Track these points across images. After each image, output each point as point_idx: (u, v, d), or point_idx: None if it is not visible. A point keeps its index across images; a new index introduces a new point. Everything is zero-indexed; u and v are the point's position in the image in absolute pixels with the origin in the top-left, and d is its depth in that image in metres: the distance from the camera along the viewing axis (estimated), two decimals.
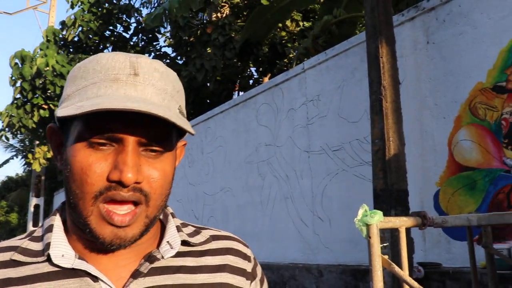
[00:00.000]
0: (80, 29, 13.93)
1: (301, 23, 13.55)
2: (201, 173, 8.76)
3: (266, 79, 12.95)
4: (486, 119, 4.34)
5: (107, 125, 0.67)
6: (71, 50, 14.36)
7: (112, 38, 14.46)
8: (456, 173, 4.51)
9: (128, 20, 14.47)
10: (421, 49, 4.94)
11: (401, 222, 2.67)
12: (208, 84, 12.84)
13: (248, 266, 0.85)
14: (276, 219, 6.75)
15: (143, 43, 14.42)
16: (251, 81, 13.77)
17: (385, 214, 4.09)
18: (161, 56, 13.91)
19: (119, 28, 14.59)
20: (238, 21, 13.81)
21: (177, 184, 9.16)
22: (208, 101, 13.13)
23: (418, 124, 4.85)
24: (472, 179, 4.38)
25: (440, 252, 4.60)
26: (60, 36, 14.23)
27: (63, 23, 14.15)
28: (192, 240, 0.81)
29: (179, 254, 0.78)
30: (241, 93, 13.42)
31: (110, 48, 14.52)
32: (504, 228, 4.08)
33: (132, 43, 14.50)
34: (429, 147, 4.74)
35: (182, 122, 0.69)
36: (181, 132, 0.78)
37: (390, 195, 4.07)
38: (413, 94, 4.92)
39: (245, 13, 13.95)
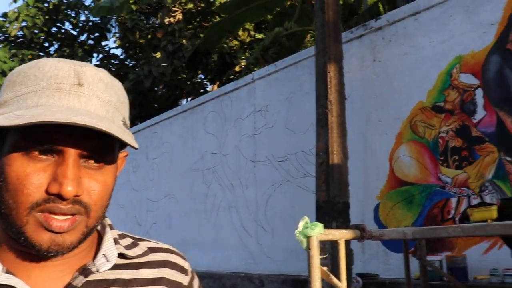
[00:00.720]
0: (24, 23, 13.38)
1: (252, 33, 13.67)
2: (146, 179, 8.61)
3: (215, 87, 12.96)
4: (425, 136, 4.54)
5: (48, 136, 0.65)
6: (13, 45, 13.77)
7: (59, 35, 14.00)
8: (396, 188, 4.67)
9: (77, 18, 14.08)
10: (368, 66, 5.10)
11: (340, 235, 2.73)
12: (156, 89, 12.70)
13: (184, 280, 0.84)
14: (220, 228, 6.74)
15: (91, 42, 14.06)
16: (202, 90, 13.75)
17: (326, 226, 4.18)
18: (109, 57, 13.62)
19: (67, 25, 14.17)
20: (190, 26, 13.75)
21: (120, 189, 8.96)
22: (155, 105, 12.97)
23: (362, 139, 5.00)
24: (410, 193, 4.56)
25: (378, 264, 4.74)
26: (3, 29, 13.62)
27: (5, 15, 13.51)
28: (129, 252, 0.79)
29: (115, 267, 0.76)
30: (189, 100, 13.35)
31: (56, 46, 14.05)
32: (437, 241, 4.26)
33: (79, 41, 14.10)
34: (372, 161, 4.89)
35: (125, 135, 0.68)
36: (124, 143, 0.77)
37: (332, 207, 4.16)
38: (358, 109, 5.07)
39: (197, 19, 13.92)
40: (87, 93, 0.68)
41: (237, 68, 13.20)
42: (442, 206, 4.35)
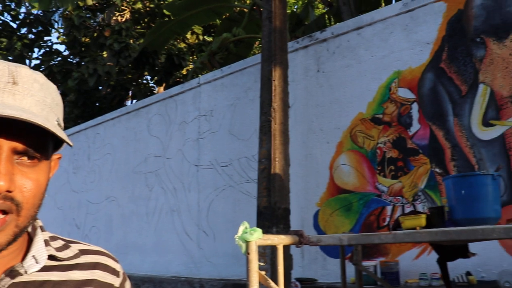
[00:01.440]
0: None
1: (201, 37, 13.64)
2: (86, 181, 8.38)
3: (161, 89, 12.80)
4: (364, 146, 4.72)
5: None
6: None
7: None
8: (335, 195, 4.82)
9: (17, 9, 13.50)
10: (312, 76, 5.24)
11: (279, 240, 2.79)
12: (101, 88, 12.39)
13: (116, 281, 0.85)
14: (161, 232, 6.67)
15: (32, 36, 13.51)
16: (148, 93, 13.52)
17: (267, 231, 4.26)
18: (52, 53, 13.14)
19: (6, 16, 13.56)
20: (138, 27, 13.54)
21: (59, 190, 8.67)
22: (98, 105, 12.63)
23: (304, 146, 5.12)
24: (349, 201, 4.71)
25: (316, 268, 4.86)
26: None
27: None
28: (60, 254, 0.79)
29: (45, 269, 0.75)
30: (134, 101, 13.12)
31: None
32: (373, 247, 4.43)
33: (19, 34, 13.51)
34: (313, 169, 5.02)
35: (60, 132, 0.68)
36: (57, 145, 0.76)
37: (272, 213, 4.22)
38: (301, 118, 5.19)
39: (146, 20, 13.71)
40: (21, 92, 0.68)
41: (184, 71, 13.12)
42: (378, 214, 4.53)
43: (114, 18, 13.66)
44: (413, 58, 4.54)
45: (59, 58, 13.10)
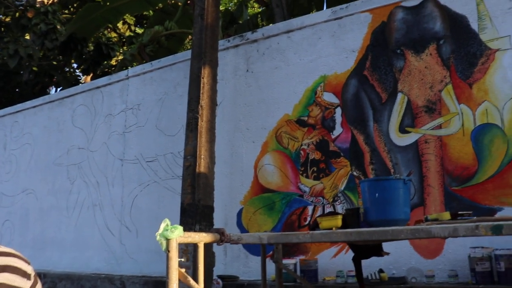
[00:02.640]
0: None
1: (133, 27, 13.32)
2: (1, 171, 7.94)
3: (88, 79, 12.36)
4: (288, 147, 4.84)
5: None
6: None
7: None
8: (259, 194, 4.90)
9: None
10: (241, 75, 5.29)
11: (200, 238, 2.80)
12: (22, 73, 11.75)
13: (26, 284, 0.83)
14: (82, 226, 6.46)
15: None
16: (73, 82, 12.96)
17: (190, 229, 4.26)
18: None
19: None
20: (66, 11, 12.97)
21: None
22: (18, 90, 11.97)
23: (230, 145, 5.17)
24: (272, 200, 4.81)
25: (238, 266, 4.92)
26: None
27: None
28: None
29: None
30: (58, 90, 12.58)
31: None
32: (293, 246, 4.56)
33: None
34: (238, 167, 5.08)
35: None
36: None
37: (196, 210, 4.23)
38: (228, 116, 5.23)
39: (75, 4, 13.15)
40: None
41: (113, 61, 12.75)
42: (300, 213, 4.67)
43: (38, 0, 12.99)
44: (339, 64, 4.72)
45: None
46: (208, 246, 4.17)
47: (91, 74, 12.14)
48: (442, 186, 4.08)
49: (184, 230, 4.13)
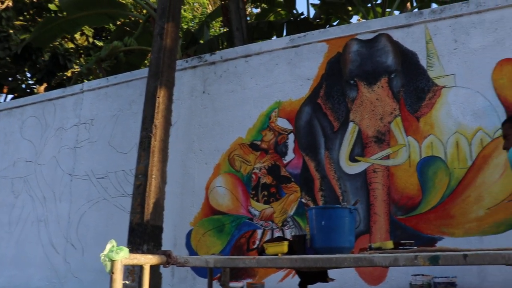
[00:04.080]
0: None
1: (91, 39, 13.12)
2: None
3: (41, 89, 12.03)
4: (240, 170, 4.87)
5: None
6: None
7: None
8: (209, 216, 4.90)
9: None
10: (197, 96, 5.32)
11: (146, 260, 2.77)
12: None
13: None
14: (24, 243, 6.21)
15: None
16: (28, 91, 12.59)
17: (137, 249, 4.20)
18: None
19: None
20: (21, 18, 12.64)
21: None
22: None
23: (182, 165, 5.15)
24: (222, 222, 4.81)
25: None
26: None
27: None
28: None
29: None
30: (8, 98, 12.20)
31: None
32: (241, 269, 4.56)
33: None
34: (189, 188, 5.06)
35: None
36: None
37: (144, 230, 4.18)
38: (182, 136, 5.23)
39: (31, 11, 12.85)
40: None
41: (69, 73, 12.49)
42: (249, 237, 4.69)
43: None
44: (294, 91, 4.83)
45: None
46: (154, 267, 4.11)
47: (45, 85, 11.84)
48: (387, 215, 4.21)
49: (132, 250, 4.10)
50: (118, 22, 10.68)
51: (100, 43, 12.88)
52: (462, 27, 4.38)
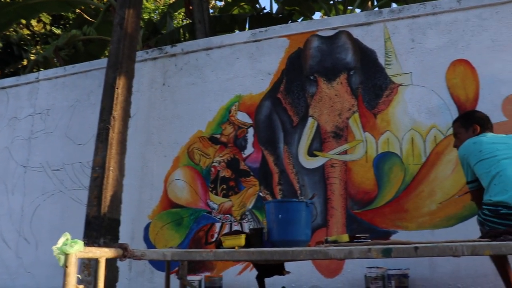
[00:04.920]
0: None
1: (48, 27, 12.74)
2: None
3: None
4: (199, 164, 4.86)
5: None
6: None
7: None
8: (167, 209, 4.86)
9: None
10: (157, 88, 5.25)
11: (101, 253, 2.73)
12: None
13: None
14: None
15: None
16: None
17: (94, 242, 4.13)
18: None
19: None
20: None
21: None
22: None
23: (141, 158, 5.09)
24: (180, 215, 4.79)
25: (143, 281, 4.81)
26: None
27: None
28: None
29: None
30: None
31: None
32: (199, 262, 4.55)
33: None
34: (148, 181, 5.00)
35: None
36: None
37: (101, 223, 4.12)
38: (141, 129, 5.16)
39: None
40: None
41: (24, 62, 12.10)
42: (207, 230, 4.69)
43: None
44: (255, 85, 4.84)
45: None
46: (111, 261, 4.06)
47: None
48: (344, 209, 4.30)
49: (88, 243, 4.04)
50: (78, 10, 10.40)
51: (57, 31, 12.52)
52: (419, 27, 4.50)
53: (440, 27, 4.44)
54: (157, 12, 15.08)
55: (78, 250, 2.54)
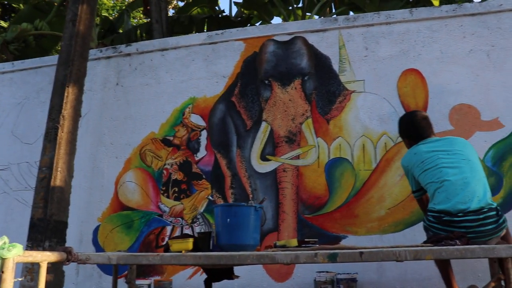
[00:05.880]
0: None
1: None
2: None
3: None
4: (151, 166, 4.79)
5: None
6: None
7: None
8: (117, 211, 4.76)
9: None
10: (110, 88, 5.14)
11: (43, 257, 2.64)
12: None
13: None
14: None
15: None
16: None
17: (38, 245, 3.99)
18: None
19: None
20: None
21: None
22: None
23: (92, 159, 4.96)
24: (131, 218, 4.70)
25: (91, 286, 4.69)
26: None
27: None
28: None
29: None
30: None
31: None
32: (150, 266, 4.48)
33: None
34: (98, 183, 4.88)
35: None
36: None
37: (47, 226, 3.99)
38: (92, 129, 5.04)
39: None
40: None
41: None
42: (158, 233, 4.62)
43: None
44: (209, 87, 4.82)
45: None
46: (56, 265, 3.93)
47: None
48: (295, 213, 4.33)
49: (33, 246, 3.90)
50: (29, 2, 10.05)
51: (5, 24, 12.05)
52: (373, 36, 4.60)
53: (393, 37, 4.55)
54: (115, 10, 14.79)
55: (16, 254, 2.44)
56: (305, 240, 3.08)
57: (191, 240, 2.86)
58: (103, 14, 13.35)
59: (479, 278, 3.81)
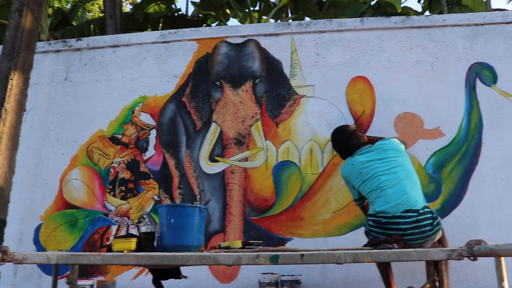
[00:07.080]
0: None
1: None
2: None
3: None
4: (98, 164, 4.70)
5: None
6: None
7: None
8: (61, 209, 4.64)
9: None
10: (58, 83, 5.01)
11: None
12: None
13: None
14: None
15: None
16: None
17: None
18: None
19: None
20: None
21: None
22: None
23: (36, 155, 4.81)
24: (75, 217, 4.60)
25: (30, 286, 4.55)
26: None
27: None
28: None
29: None
30: None
31: None
32: (93, 266, 4.39)
33: None
34: (42, 180, 4.74)
35: None
36: None
37: None
38: (38, 124, 4.89)
39: None
40: None
41: None
42: (103, 233, 4.54)
43: None
44: (160, 87, 4.78)
45: None
46: None
47: None
48: (242, 215, 4.36)
49: None
50: None
51: None
52: (324, 42, 4.69)
53: (343, 44, 4.66)
54: (69, 2, 14.41)
55: None
56: (249, 242, 3.11)
57: (134, 240, 2.83)
58: (55, 5, 12.99)
59: (417, 280, 3.97)
